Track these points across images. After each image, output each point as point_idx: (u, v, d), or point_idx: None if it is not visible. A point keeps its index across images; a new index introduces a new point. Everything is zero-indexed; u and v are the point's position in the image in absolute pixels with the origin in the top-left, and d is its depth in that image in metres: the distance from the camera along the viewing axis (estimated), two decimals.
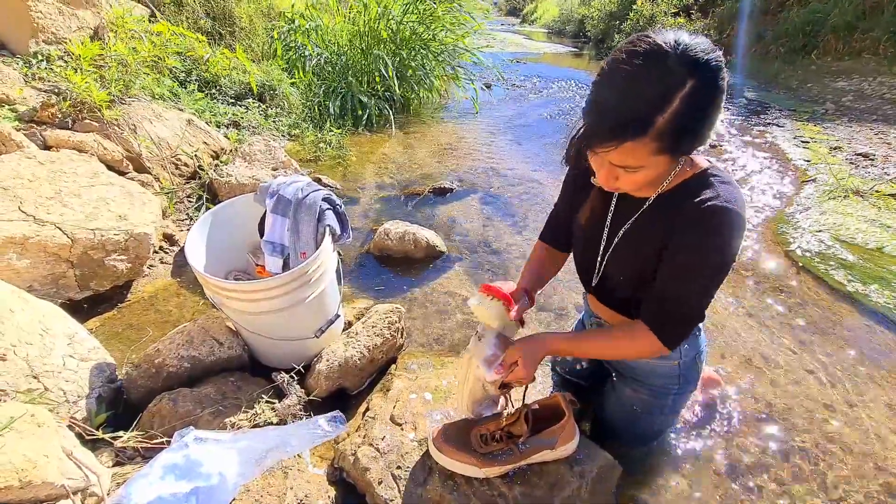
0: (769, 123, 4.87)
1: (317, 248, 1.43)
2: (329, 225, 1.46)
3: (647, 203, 0.92)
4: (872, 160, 3.72)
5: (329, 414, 1.22)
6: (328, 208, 1.50)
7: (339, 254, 2.44)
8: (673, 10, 9.21)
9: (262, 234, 1.55)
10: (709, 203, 0.80)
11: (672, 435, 1.48)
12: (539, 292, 1.24)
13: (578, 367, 1.57)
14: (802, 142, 4.27)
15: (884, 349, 1.89)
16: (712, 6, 9.04)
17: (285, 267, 1.56)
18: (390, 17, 4.82)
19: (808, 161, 3.79)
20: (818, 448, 1.47)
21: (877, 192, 3.13)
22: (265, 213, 1.53)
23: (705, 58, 0.66)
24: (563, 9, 16.60)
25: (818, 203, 3.06)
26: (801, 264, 2.45)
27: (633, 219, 0.95)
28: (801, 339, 1.95)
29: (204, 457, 1.01)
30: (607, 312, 1.19)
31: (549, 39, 14.62)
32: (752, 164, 3.80)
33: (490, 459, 1.14)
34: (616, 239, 1.00)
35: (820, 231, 2.72)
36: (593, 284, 1.13)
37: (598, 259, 1.06)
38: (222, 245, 1.60)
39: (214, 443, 1.03)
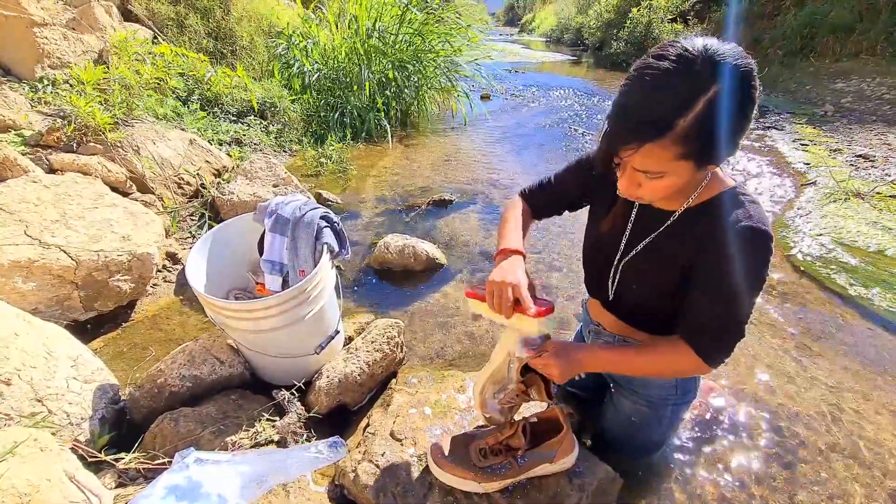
0: (768, 127, 4.88)
1: (315, 266, 1.45)
2: (327, 242, 1.48)
3: (672, 217, 0.90)
4: (873, 162, 3.71)
5: (329, 439, 1.23)
6: (326, 226, 1.52)
7: (341, 268, 2.47)
8: (670, 17, 9.27)
9: (261, 253, 1.57)
10: (743, 224, 0.79)
11: (673, 445, 1.47)
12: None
13: (577, 377, 1.56)
14: (802, 145, 4.27)
15: (887, 353, 1.88)
16: (709, 11, 9.11)
17: (285, 285, 1.58)
18: (384, 30, 4.89)
19: (808, 164, 3.79)
20: (822, 456, 1.46)
21: (877, 193, 3.12)
22: (264, 232, 1.55)
23: (733, 63, 0.65)
24: (560, 18, 16.76)
25: (818, 206, 3.05)
26: (802, 269, 2.44)
27: (657, 232, 0.94)
28: (803, 345, 1.94)
29: (204, 478, 1.02)
30: (609, 319, 1.19)
31: (548, 48, 14.75)
32: (751, 167, 3.81)
33: (489, 474, 1.14)
34: (634, 251, 0.98)
35: (820, 235, 2.71)
36: (610, 296, 1.11)
37: (612, 269, 1.05)
38: (223, 264, 1.62)
39: (215, 464, 1.05)
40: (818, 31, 6.84)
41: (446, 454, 1.19)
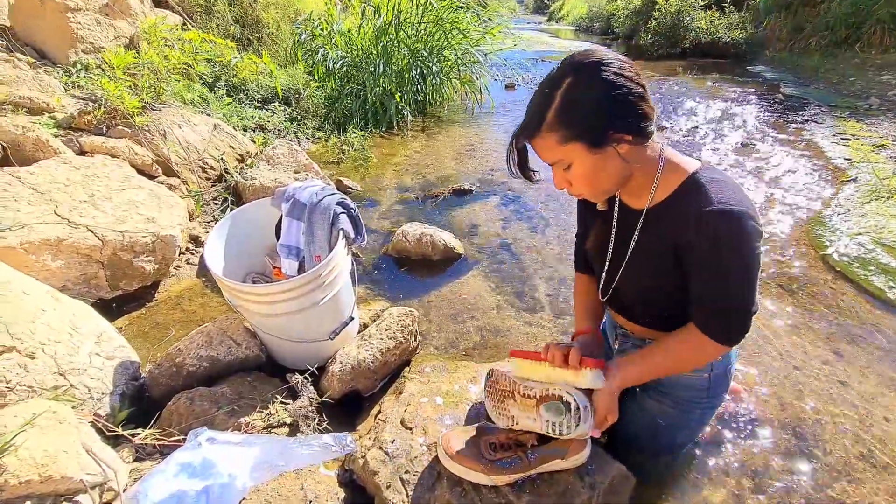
0: (807, 120, 4.66)
1: (330, 252, 1.45)
2: (342, 228, 1.48)
3: (642, 214, 0.94)
4: None
5: (339, 434, 1.23)
6: (342, 212, 1.52)
7: (359, 255, 2.48)
8: (703, 3, 8.89)
9: (278, 238, 1.58)
10: (705, 210, 0.82)
11: (692, 447, 1.43)
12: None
13: None
14: (843, 139, 4.06)
15: None
16: None
17: (301, 270, 1.58)
18: (406, 19, 4.85)
19: (849, 160, 3.60)
20: (849, 466, 1.39)
21: None
22: (281, 217, 1.56)
23: (583, 61, 0.80)
24: (591, 5, 16.31)
25: (858, 204, 2.90)
26: (837, 269, 2.33)
27: (635, 235, 0.97)
28: (835, 349, 1.86)
29: (216, 457, 1.03)
30: (631, 324, 1.17)
31: (577, 37, 14.39)
32: (787, 162, 3.64)
33: (498, 468, 1.13)
34: (626, 256, 1.01)
35: (859, 234, 2.58)
36: (605, 298, 1.15)
37: (604, 274, 1.09)
38: (241, 248, 1.64)
39: (226, 444, 1.06)
40: (864, 21, 6.47)
41: (456, 445, 1.18)
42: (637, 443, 1.33)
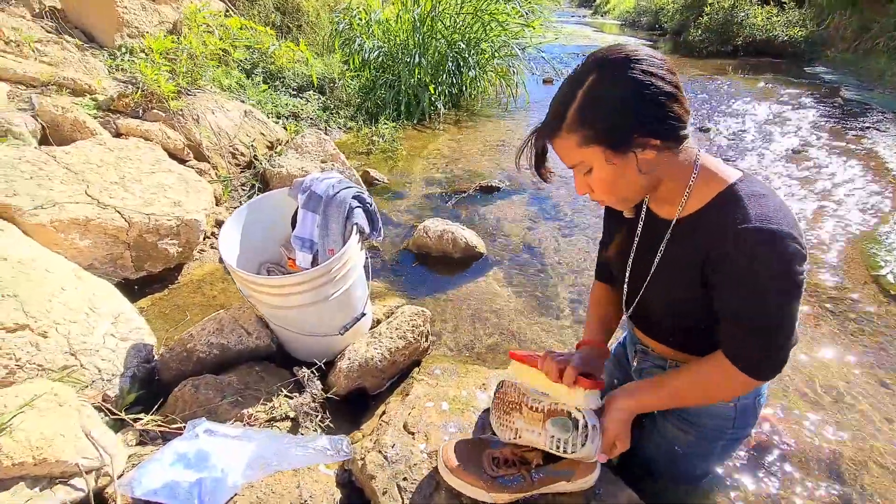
0: (868, 127, 4.32)
1: (344, 246, 1.42)
2: (357, 223, 1.45)
3: (671, 225, 0.86)
4: None
5: (336, 437, 1.20)
6: (358, 206, 1.49)
7: (378, 248, 2.45)
8: None
9: (294, 229, 1.57)
10: (741, 227, 0.73)
11: (714, 478, 1.33)
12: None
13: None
14: None
15: None
16: None
17: (314, 262, 1.57)
18: (444, 9, 4.78)
19: None
20: None
21: None
22: (298, 208, 1.54)
23: (608, 56, 0.74)
24: None
25: None
26: (892, 292, 2.13)
27: (662, 246, 0.89)
28: (883, 381, 1.70)
29: (212, 449, 1.03)
30: (651, 342, 1.09)
31: (622, 32, 13.91)
32: (842, 173, 3.38)
33: (500, 485, 1.07)
34: (652, 267, 0.93)
35: None
36: (629, 312, 1.06)
37: (625, 286, 1.01)
38: (258, 237, 1.64)
39: (224, 437, 1.05)
40: None
41: (457, 457, 1.14)
42: (653, 468, 1.25)
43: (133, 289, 1.95)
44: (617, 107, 0.73)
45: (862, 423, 1.53)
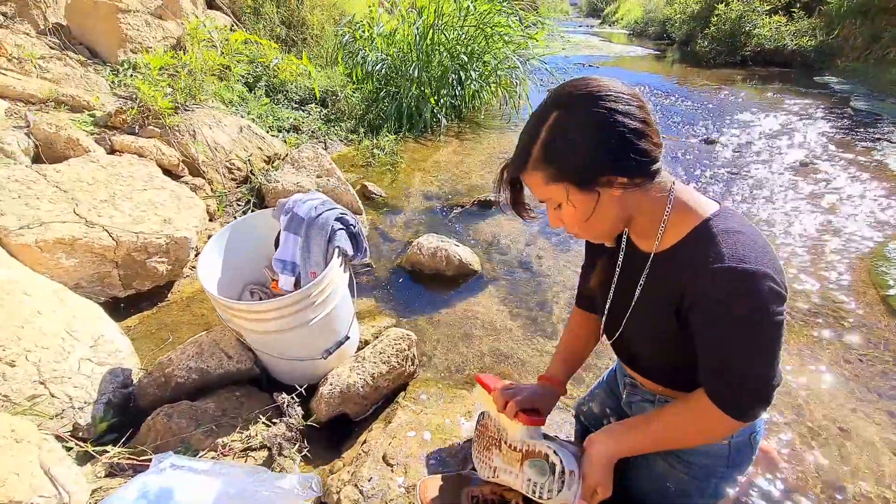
0: (878, 139, 4.22)
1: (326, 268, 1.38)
2: (339, 246, 1.42)
3: (649, 259, 0.83)
4: None
5: (307, 475, 1.16)
6: (341, 228, 1.46)
7: (372, 266, 2.42)
8: (767, 8, 8.31)
9: (276, 251, 1.54)
10: (714, 267, 0.70)
11: None
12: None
13: (606, 421, 1.39)
14: None
15: None
16: (820, 3, 8.07)
17: (297, 285, 1.53)
18: (447, 22, 4.78)
19: None
20: None
21: None
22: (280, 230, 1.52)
23: (573, 92, 0.72)
24: (647, 9, 15.71)
25: None
26: None
27: (641, 280, 0.85)
28: (891, 411, 1.62)
29: (177, 485, 0.99)
30: (638, 376, 1.04)
31: (630, 41, 13.89)
32: (851, 186, 3.29)
33: None
34: (632, 300, 0.90)
35: None
36: (611, 342, 1.03)
37: (606, 315, 0.97)
38: (242, 258, 1.61)
39: (190, 472, 1.01)
40: None
41: (436, 495, 1.09)
42: None
43: (120, 307, 1.93)
44: (580, 146, 0.72)
45: (865, 456, 1.45)
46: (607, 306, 0.97)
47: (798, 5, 8.16)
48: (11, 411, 1.04)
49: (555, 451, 0.92)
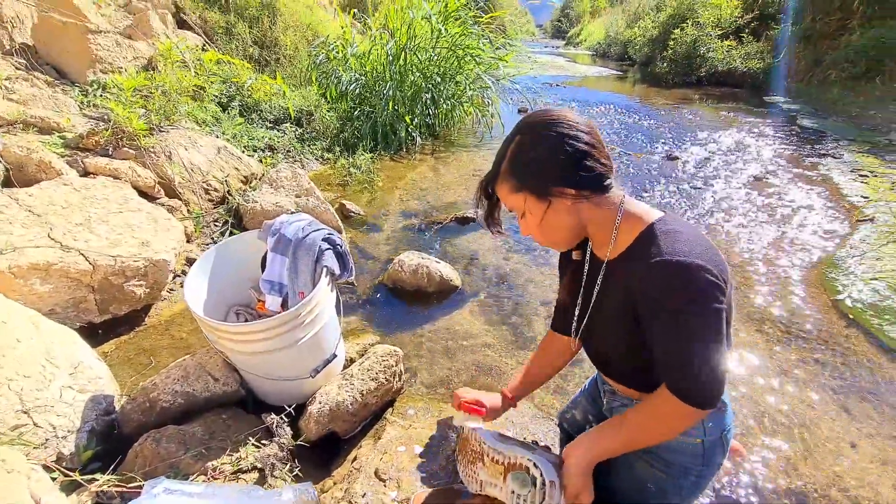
0: (824, 154, 4.55)
1: (314, 288, 1.41)
2: (326, 266, 1.45)
3: (604, 265, 0.94)
4: None
5: (301, 485, 1.17)
6: (328, 248, 1.49)
7: (354, 284, 2.44)
8: (720, 32, 8.87)
9: (264, 271, 1.55)
10: (654, 260, 0.79)
11: None
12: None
13: (588, 427, 1.46)
14: (860, 175, 3.94)
15: None
16: (766, 29, 8.67)
17: (285, 305, 1.55)
18: (420, 44, 4.92)
19: (866, 198, 3.49)
20: None
21: None
22: (267, 251, 1.54)
23: (534, 119, 0.88)
24: (609, 31, 16.44)
25: (875, 246, 2.78)
26: (850, 316, 2.22)
27: (598, 286, 0.95)
28: (845, 406, 1.75)
29: None
30: (613, 382, 1.11)
31: (594, 62, 14.48)
32: (800, 198, 3.54)
33: None
34: (592, 309, 0.99)
35: (875, 279, 2.47)
36: (593, 359, 1.10)
37: (573, 328, 1.06)
38: (228, 279, 1.62)
39: (184, 496, 1.01)
40: (886, 55, 6.36)
41: None
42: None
43: (97, 333, 1.89)
44: (535, 161, 0.86)
45: (825, 450, 1.56)
46: (576, 314, 1.05)
47: (747, 31, 8.74)
48: (0, 441, 1.02)
49: (535, 464, 0.97)
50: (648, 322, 0.84)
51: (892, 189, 3.64)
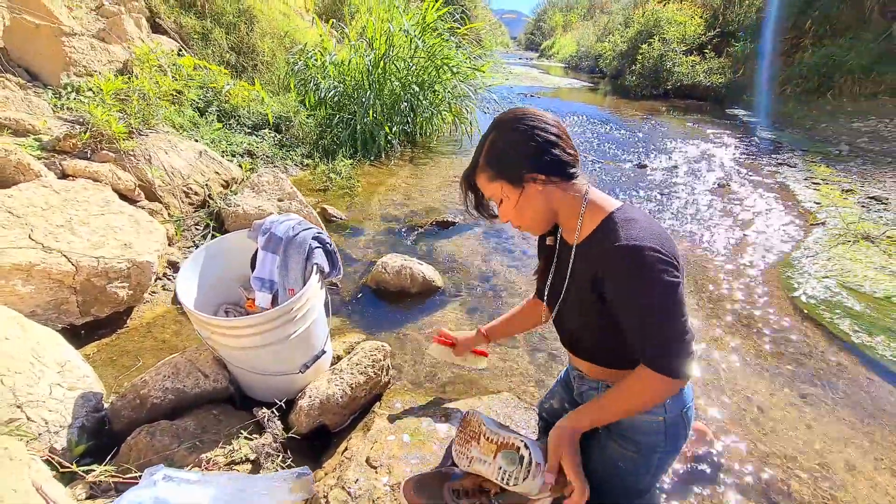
0: (780, 163, 4.84)
1: (304, 285, 1.46)
2: (317, 263, 1.50)
3: (573, 250, 1.02)
4: (885, 204, 3.65)
5: (296, 469, 1.22)
6: (317, 246, 1.54)
7: (338, 286, 2.48)
8: (685, 48, 9.31)
9: (253, 270, 1.59)
10: (613, 245, 0.88)
11: (658, 493, 1.43)
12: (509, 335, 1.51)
13: (564, 413, 1.54)
14: (813, 183, 4.22)
15: (888, 406, 1.82)
16: (728, 45, 9.16)
17: (275, 302, 1.59)
18: (398, 53, 5.01)
19: (818, 203, 3.74)
20: None
21: (888, 237, 3.06)
22: (257, 249, 1.57)
23: (507, 116, 0.99)
24: (580, 45, 16.96)
25: (826, 248, 3.00)
26: (805, 312, 2.39)
27: (568, 269, 1.04)
28: (801, 392, 1.89)
29: (171, 496, 1.01)
30: (584, 365, 1.19)
31: (566, 74, 14.91)
32: (760, 204, 3.77)
33: None
34: (562, 293, 1.08)
35: (826, 277, 2.66)
36: (563, 341, 1.20)
37: (545, 305, 1.17)
38: (216, 278, 1.64)
39: (183, 483, 1.04)
40: (836, 71, 6.82)
41: (420, 490, 1.18)
42: (599, 488, 1.33)
43: (79, 334, 1.87)
44: (508, 152, 0.97)
45: (785, 437, 1.69)
46: (546, 295, 1.15)
47: (709, 47, 9.20)
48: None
49: (525, 445, 1.05)
50: (614, 301, 0.93)
51: (841, 196, 3.91)
